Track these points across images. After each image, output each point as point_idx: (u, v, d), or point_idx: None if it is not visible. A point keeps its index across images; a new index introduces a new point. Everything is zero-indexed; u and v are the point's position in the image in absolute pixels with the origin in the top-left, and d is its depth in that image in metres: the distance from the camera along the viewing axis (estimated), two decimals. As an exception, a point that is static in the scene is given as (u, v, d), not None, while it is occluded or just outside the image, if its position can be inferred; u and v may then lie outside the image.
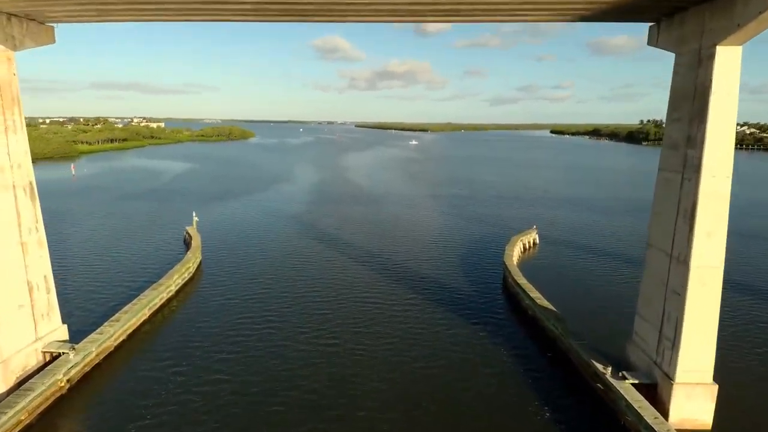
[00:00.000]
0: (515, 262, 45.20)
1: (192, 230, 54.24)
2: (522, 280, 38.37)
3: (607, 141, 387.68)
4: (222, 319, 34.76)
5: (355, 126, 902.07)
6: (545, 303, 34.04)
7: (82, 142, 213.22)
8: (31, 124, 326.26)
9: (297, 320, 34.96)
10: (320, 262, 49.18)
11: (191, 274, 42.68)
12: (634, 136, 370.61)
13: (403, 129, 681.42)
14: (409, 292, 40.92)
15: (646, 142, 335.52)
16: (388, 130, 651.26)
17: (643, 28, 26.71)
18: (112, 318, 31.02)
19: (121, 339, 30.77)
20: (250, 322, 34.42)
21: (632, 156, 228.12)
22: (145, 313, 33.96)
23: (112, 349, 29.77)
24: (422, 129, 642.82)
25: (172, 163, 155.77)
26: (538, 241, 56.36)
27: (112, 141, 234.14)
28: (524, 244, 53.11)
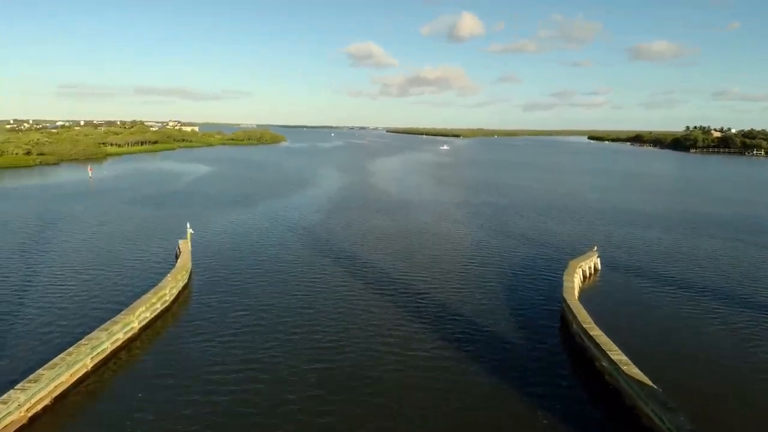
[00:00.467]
0: (578, 298, 34.98)
1: (184, 245, 46.17)
2: (595, 332, 28.09)
3: (651, 148, 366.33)
4: (186, 376, 25.91)
5: (386, 131, 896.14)
6: (634, 371, 23.81)
7: (111, 144, 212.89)
8: (67, 126, 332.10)
9: (284, 380, 25.81)
10: (331, 290, 40.17)
11: (166, 305, 34.28)
12: (680, 142, 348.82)
13: (434, 134, 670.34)
14: (436, 339, 31.25)
15: (694, 150, 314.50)
16: (420, 135, 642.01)
17: (682, 34, 16.53)
18: (30, 378, 22.75)
19: (41, 405, 22.48)
20: (222, 379, 25.55)
21: (684, 164, 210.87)
22: (87, 365, 25.61)
23: (24, 421, 21.51)
24: (454, 134, 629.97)
25: (196, 166, 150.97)
26: (599, 266, 45.82)
27: (142, 143, 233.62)
28: (584, 271, 42.68)
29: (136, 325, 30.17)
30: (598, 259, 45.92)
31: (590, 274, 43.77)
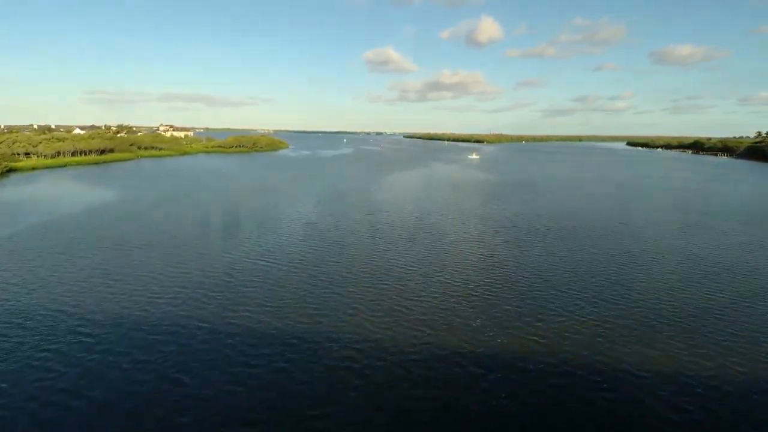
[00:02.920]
0: None
1: None
2: None
3: (725, 158, 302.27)
4: None
5: (404, 137, 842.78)
6: None
7: (38, 155, 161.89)
8: (9, 132, 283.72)
9: None
10: None
11: None
12: (762, 152, 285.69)
13: (456, 140, 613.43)
14: None
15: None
16: (441, 141, 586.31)
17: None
18: None
19: None
20: None
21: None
22: None
23: None
24: (477, 140, 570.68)
25: (104, 191, 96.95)
26: None
27: (90, 153, 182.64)
28: None
29: None
30: None
31: None
